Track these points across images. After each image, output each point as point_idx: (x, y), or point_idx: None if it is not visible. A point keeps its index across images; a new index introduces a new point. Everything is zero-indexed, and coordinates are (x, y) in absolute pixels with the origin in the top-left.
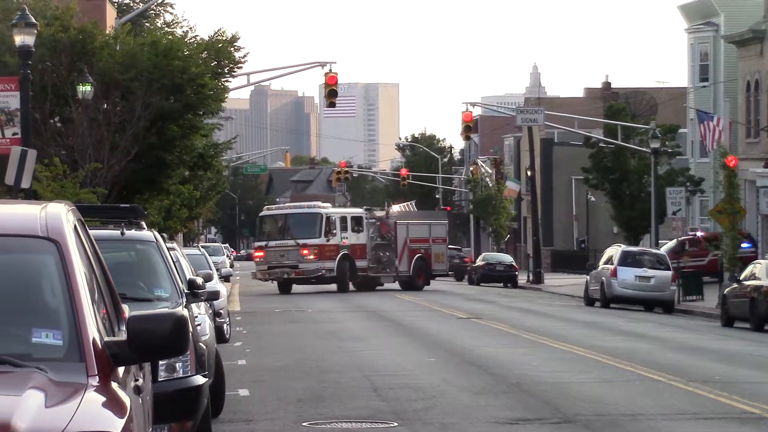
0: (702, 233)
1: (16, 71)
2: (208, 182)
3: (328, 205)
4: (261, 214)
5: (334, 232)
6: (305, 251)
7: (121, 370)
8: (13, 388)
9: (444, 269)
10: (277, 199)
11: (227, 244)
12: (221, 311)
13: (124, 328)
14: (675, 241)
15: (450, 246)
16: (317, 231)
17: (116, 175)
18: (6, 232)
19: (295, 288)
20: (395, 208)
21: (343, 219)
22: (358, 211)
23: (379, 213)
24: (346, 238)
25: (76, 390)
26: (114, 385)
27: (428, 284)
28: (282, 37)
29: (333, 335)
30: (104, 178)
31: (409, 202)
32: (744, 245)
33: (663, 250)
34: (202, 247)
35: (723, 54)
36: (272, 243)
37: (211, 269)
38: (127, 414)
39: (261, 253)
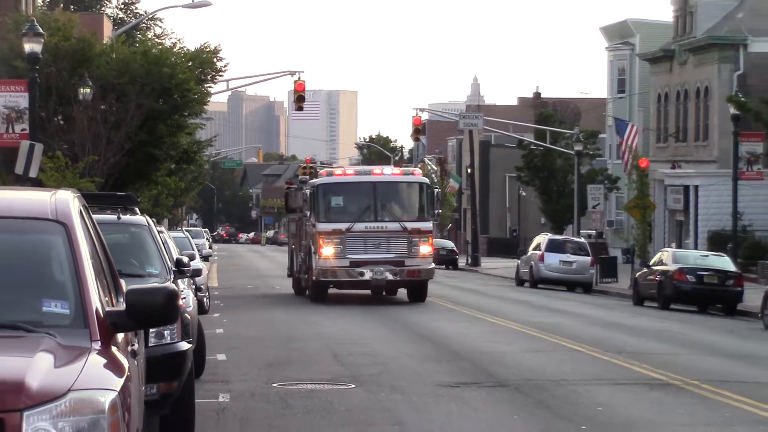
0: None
1: (24, 75)
2: (191, 175)
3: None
4: (323, 180)
5: (439, 212)
6: (419, 239)
7: (119, 336)
8: (26, 351)
9: None
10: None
11: (207, 228)
12: (202, 286)
13: (122, 299)
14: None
15: None
16: (428, 209)
17: (111, 167)
18: (21, 215)
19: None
20: None
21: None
22: None
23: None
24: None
25: (80, 353)
26: (114, 349)
27: None
28: (256, 47)
29: (299, 310)
30: (101, 169)
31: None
32: None
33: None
34: (186, 230)
35: (638, 70)
36: (360, 225)
37: (193, 250)
38: (126, 374)
39: (335, 241)
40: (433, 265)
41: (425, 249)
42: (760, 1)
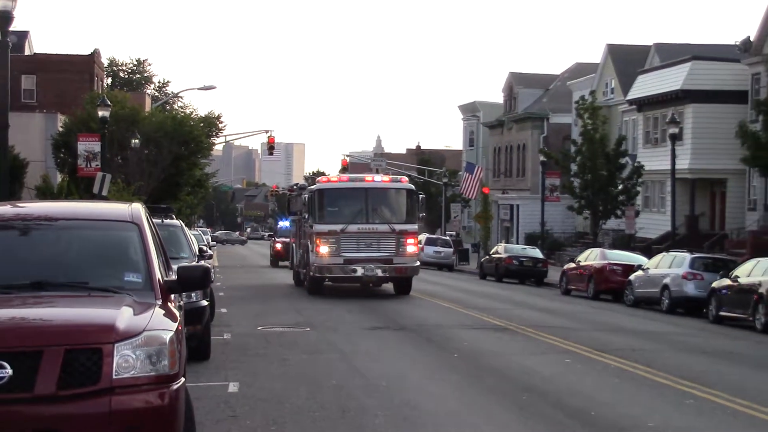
0: None
1: (97, 130)
2: (201, 195)
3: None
4: (320, 186)
5: (422, 216)
6: (405, 240)
7: (172, 296)
8: (115, 306)
9: None
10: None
11: (210, 229)
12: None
13: (171, 273)
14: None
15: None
16: (414, 213)
17: (152, 190)
18: (110, 218)
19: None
20: None
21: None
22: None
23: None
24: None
25: (149, 307)
26: (169, 304)
27: None
28: (239, 111)
29: (274, 281)
30: (145, 191)
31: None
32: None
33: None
34: (199, 230)
35: (482, 132)
36: (353, 227)
37: (204, 243)
38: (177, 321)
39: (330, 240)
40: (418, 263)
41: (411, 248)
42: (557, 92)
